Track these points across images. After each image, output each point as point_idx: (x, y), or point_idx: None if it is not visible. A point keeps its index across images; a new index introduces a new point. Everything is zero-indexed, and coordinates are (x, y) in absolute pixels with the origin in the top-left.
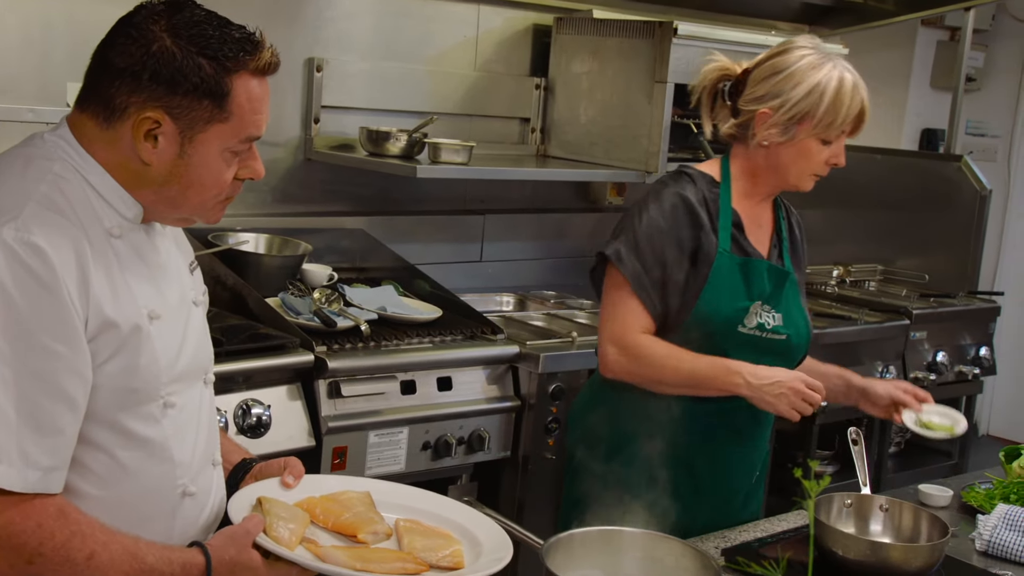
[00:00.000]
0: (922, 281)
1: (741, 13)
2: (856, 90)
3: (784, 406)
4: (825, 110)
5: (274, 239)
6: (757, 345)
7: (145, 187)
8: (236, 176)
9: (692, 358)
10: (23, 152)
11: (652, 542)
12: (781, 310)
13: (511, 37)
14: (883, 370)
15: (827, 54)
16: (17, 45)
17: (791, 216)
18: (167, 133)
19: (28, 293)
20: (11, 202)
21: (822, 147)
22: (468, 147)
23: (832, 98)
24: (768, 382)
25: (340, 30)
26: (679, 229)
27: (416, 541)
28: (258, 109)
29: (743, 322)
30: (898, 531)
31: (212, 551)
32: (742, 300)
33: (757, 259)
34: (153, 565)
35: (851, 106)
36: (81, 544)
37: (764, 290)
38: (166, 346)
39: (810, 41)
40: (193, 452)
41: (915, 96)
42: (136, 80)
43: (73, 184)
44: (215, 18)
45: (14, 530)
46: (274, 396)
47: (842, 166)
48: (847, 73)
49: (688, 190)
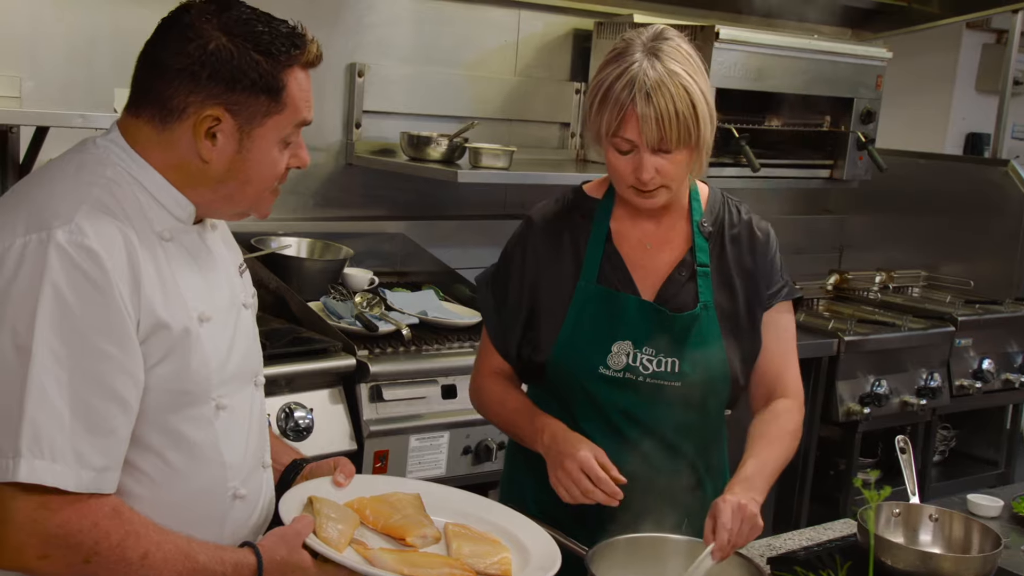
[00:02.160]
0: (967, 287)
1: (783, 17)
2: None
3: (555, 478)
4: (594, 113)
5: (316, 243)
6: (635, 388)
7: (202, 185)
8: (286, 166)
9: (514, 408)
10: (76, 157)
11: (697, 549)
12: (678, 355)
13: (551, 42)
14: (928, 378)
15: (644, 51)
16: (65, 53)
17: (724, 231)
18: (226, 130)
19: (82, 296)
20: (64, 206)
21: (619, 156)
22: (509, 152)
23: (598, 100)
24: (553, 449)
25: (381, 35)
26: (522, 261)
27: (464, 547)
28: (308, 97)
29: (606, 363)
30: (949, 542)
31: (263, 551)
32: (602, 338)
33: (624, 294)
34: (205, 564)
35: (613, 111)
36: (135, 543)
37: (636, 329)
38: (216, 348)
39: (643, 38)
40: (244, 454)
41: (960, 100)
42: (194, 80)
43: (125, 188)
44: (261, 14)
45: (70, 529)
46: (316, 400)
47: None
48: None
49: (547, 216)
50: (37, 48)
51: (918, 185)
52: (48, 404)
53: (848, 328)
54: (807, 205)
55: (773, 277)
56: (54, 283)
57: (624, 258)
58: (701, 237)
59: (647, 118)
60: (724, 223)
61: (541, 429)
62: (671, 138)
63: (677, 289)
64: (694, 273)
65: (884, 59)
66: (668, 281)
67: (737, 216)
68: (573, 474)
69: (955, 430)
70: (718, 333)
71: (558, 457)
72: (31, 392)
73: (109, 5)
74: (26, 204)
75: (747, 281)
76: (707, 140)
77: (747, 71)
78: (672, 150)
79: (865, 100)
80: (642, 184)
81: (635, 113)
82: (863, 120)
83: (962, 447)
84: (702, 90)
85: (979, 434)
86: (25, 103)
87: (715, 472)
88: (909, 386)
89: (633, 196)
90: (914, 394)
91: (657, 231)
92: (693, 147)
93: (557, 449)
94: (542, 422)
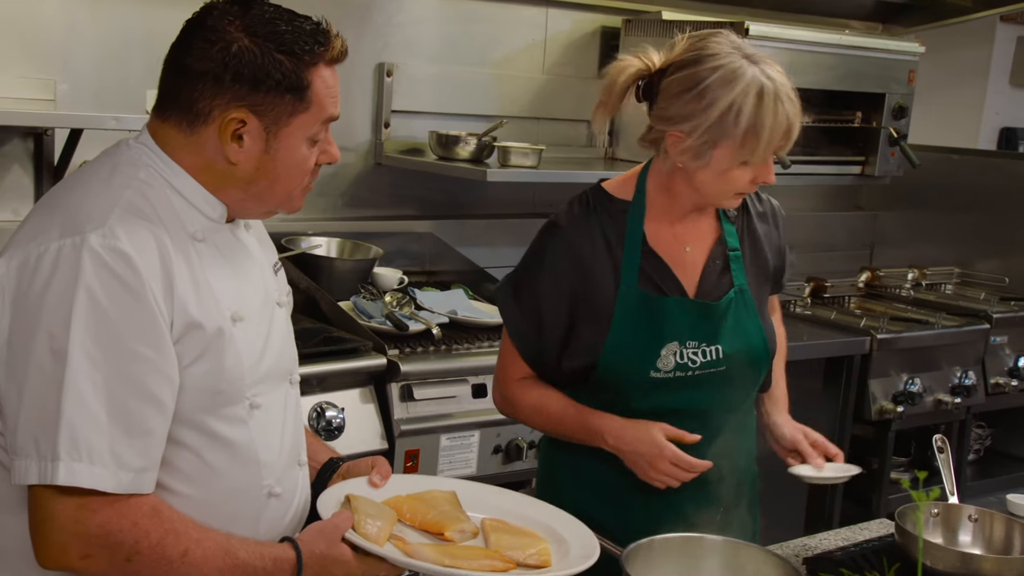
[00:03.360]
0: (1002, 284)
1: (813, 12)
2: (778, 104)
3: (649, 477)
4: (744, 135)
5: (346, 243)
6: (685, 384)
7: (232, 187)
8: (316, 162)
9: (559, 413)
10: (109, 159)
11: (732, 549)
12: (719, 341)
13: (579, 40)
14: (962, 375)
15: (747, 58)
16: (98, 56)
17: (749, 210)
18: (252, 132)
19: (115, 298)
20: (97, 210)
21: (745, 169)
22: (538, 150)
23: (750, 119)
24: (628, 447)
25: (409, 35)
26: (557, 274)
27: (503, 539)
28: (334, 93)
29: (656, 367)
30: (989, 542)
31: (302, 545)
32: (650, 344)
33: (667, 297)
34: (246, 561)
35: (774, 126)
36: (175, 541)
37: (679, 327)
38: (250, 347)
39: (728, 42)
40: (279, 453)
41: (994, 94)
42: (218, 83)
43: (157, 189)
44: (284, 12)
45: (111, 528)
46: (347, 399)
47: (771, 183)
48: (768, 82)
49: (578, 225)
50: (71, 51)
51: (951, 181)
52: (85, 407)
53: (880, 326)
54: (838, 201)
55: (787, 258)
56: (88, 287)
57: (666, 261)
58: (727, 222)
59: (797, 125)
60: (747, 203)
61: (600, 431)
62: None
63: (715, 279)
64: (727, 260)
65: (916, 54)
66: (705, 273)
67: (757, 196)
68: (669, 471)
69: (990, 428)
70: (755, 311)
71: (638, 457)
72: (68, 395)
73: (142, 8)
74: (61, 209)
75: (774, 254)
76: None
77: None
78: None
79: (897, 95)
80: (753, 189)
81: (791, 124)
82: (895, 116)
83: (998, 446)
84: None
85: (1015, 432)
86: (59, 106)
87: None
88: (943, 384)
89: (731, 201)
90: (948, 392)
91: (689, 229)
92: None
93: (632, 449)
94: (598, 424)
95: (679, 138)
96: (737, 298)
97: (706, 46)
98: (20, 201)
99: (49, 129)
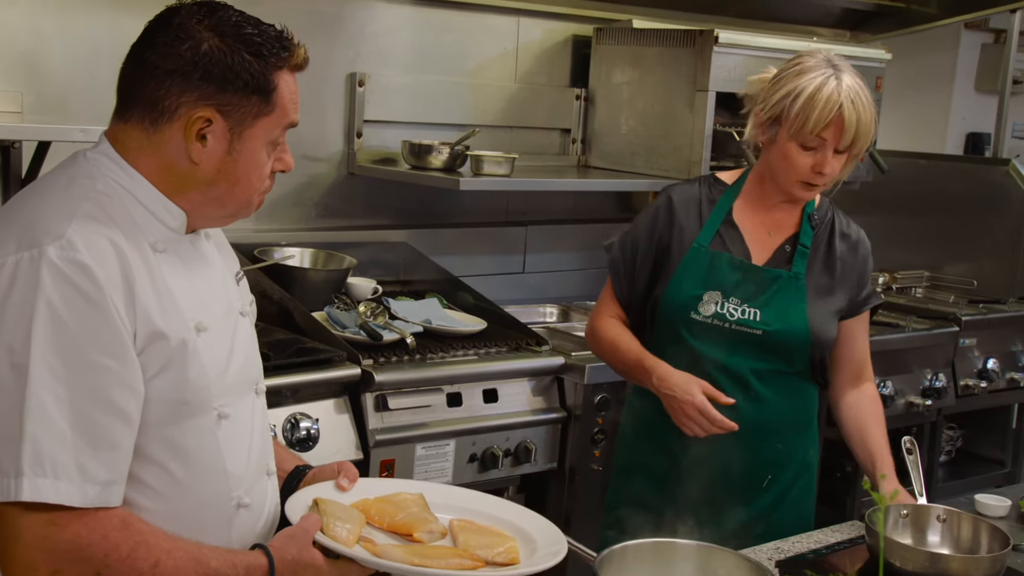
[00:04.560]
0: (970, 287)
1: (781, 20)
2: (833, 97)
3: (679, 419)
4: (796, 113)
5: (319, 253)
6: (722, 334)
7: (192, 189)
8: (271, 169)
9: (625, 349)
10: (66, 172)
11: (705, 554)
12: (759, 305)
13: (551, 48)
14: (932, 378)
15: (830, 66)
16: (65, 67)
17: (835, 227)
18: (217, 131)
19: (76, 311)
20: (55, 222)
21: (803, 152)
22: (510, 159)
23: (804, 102)
24: (667, 391)
25: (381, 45)
26: (655, 225)
27: (471, 539)
28: (295, 99)
29: (697, 309)
30: (957, 542)
31: (274, 551)
32: (697, 288)
33: (724, 253)
34: (218, 569)
35: (823, 111)
36: (146, 553)
37: (725, 281)
38: (214, 358)
39: (824, 55)
40: (247, 463)
41: (960, 100)
42: (186, 80)
43: (116, 200)
44: (250, 18)
45: (80, 543)
46: (322, 410)
47: (829, 175)
48: (832, 81)
49: (683, 191)
50: (38, 63)
51: (919, 185)
52: (48, 421)
53: None
54: None
55: (869, 283)
56: (48, 300)
57: (743, 232)
58: (809, 225)
59: (851, 122)
60: (834, 221)
61: (650, 370)
62: (859, 143)
63: (779, 260)
64: (795, 249)
65: (883, 60)
66: (776, 253)
67: (846, 221)
68: (696, 418)
69: (961, 430)
70: (803, 296)
71: (672, 400)
72: (30, 410)
73: (109, 19)
74: (18, 221)
75: (846, 273)
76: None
77: (747, 74)
78: (848, 153)
79: None
80: (817, 179)
81: (842, 116)
82: None
83: (968, 447)
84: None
85: (985, 434)
86: (27, 118)
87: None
88: (914, 387)
89: (799, 189)
90: (919, 395)
91: (775, 220)
92: (858, 153)
93: (670, 392)
94: (651, 363)
95: (756, 115)
96: (789, 279)
97: (801, 59)
98: None
99: (16, 142)
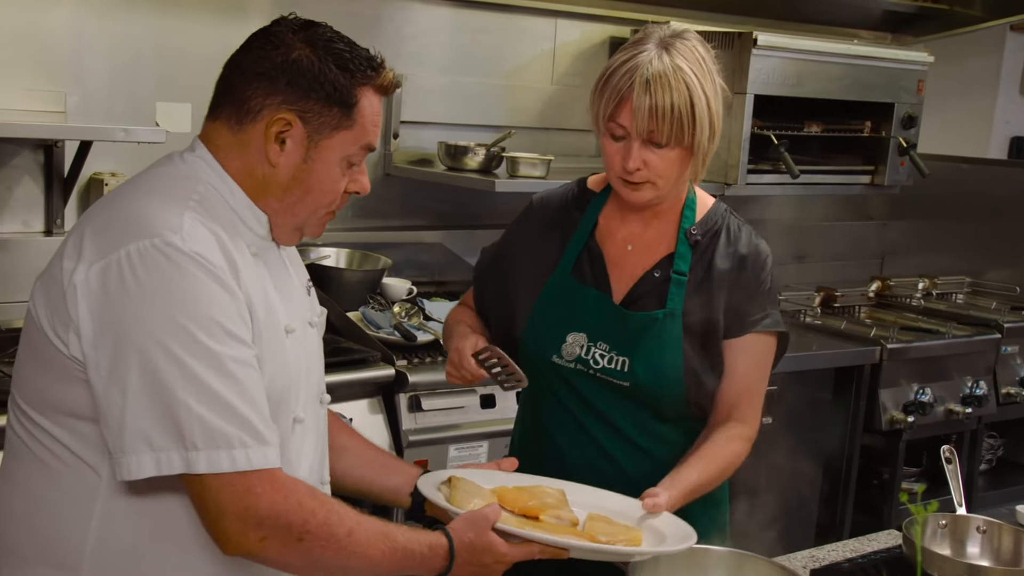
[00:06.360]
0: (1012, 293)
1: (821, 22)
2: (626, 77)
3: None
4: (594, 94)
5: (355, 254)
6: (587, 383)
7: (270, 195)
8: (345, 189)
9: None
10: (164, 172)
11: (738, 561)
12: (627, 353)
13: (588, 50)
14: (973, 385)
15: (660, 44)
16: (108, 68)
17: (718, 247)
18: (295, 136)
19: (204, 288)
20: (169, 215)
21: (612, 142)
22: (546, 161)
23: (603, 82)
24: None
25: (419, 46)
26: (513, 244)
27: (597, 526)
28: (377, 121)
29: (560, 352)
30: (997, 554)
31: (453, 533)
32: (559, 327)
33: (590, 288)
34: (404, 544)
35: (612, 92)
36: (339, 521)
37: (590, 322)
38: (297, 362)
39: (666, 31)
40: (309, 471)
41: (1003, 103)
42: (273, 83)
43: (216, 202)
44: (344, 37)
45: (279, 510)
46: (356, 410)
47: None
48: (643, 58)
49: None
50: (81, 63)
51: (961, 190)
52: (213, 395)
53: (891, 335)
54: (848, 211)
55: (760, 303)
56: (177, 280)
57: (604, 255)
58: (686, 244)
59: (640, 106)
60: (719, 236)
61: (454, 337)
62: (662, 131)
63: (648, 290)
64: (668, 278)
65: (925, 63)
66: (640, 282)
67: (737, 234)
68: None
69: (1002, 438)
70: (678, 341)
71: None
72: (189, 388)
73: (152, 20)
74: (128, 219)
75: (731, 299)
76: (704, 145)
77: (786, 77)
78: (663, 145)
79: (906, 105)
80: (628, 174)
81: (630, 99)
82: (904, 125)
83: (1009, 456)
84: (706, 94)
85: None
86: (69, 118)
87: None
88: (954, 394)
89: (621, 187)
90: (959, 402)
91: (643, 233)
92: (688, 148)
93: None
94: (462, 331)
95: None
96: (665, 320)
97: (636, 34)
98: (30, 213)
99: (59, 141)
